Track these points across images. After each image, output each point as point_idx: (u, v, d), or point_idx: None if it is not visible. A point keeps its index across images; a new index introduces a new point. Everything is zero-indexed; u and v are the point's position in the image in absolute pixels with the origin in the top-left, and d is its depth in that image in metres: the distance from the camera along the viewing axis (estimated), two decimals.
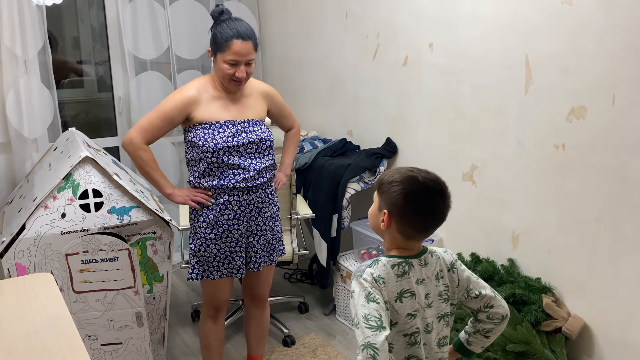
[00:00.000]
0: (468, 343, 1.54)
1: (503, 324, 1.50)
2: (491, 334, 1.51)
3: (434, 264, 1.43)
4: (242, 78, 2.03)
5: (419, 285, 1.40)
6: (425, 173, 1.39)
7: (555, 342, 2.12)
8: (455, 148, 2.63)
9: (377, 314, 1.29)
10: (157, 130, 2.09)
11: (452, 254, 1.49)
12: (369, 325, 1.27)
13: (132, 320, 2.37)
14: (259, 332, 2.43)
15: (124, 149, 2.12)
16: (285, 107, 2.32)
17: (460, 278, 1.47)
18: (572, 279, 2.21)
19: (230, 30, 1.99)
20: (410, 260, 1.40)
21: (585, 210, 2.12)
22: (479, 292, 1.47)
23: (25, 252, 2.20)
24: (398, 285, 1.37)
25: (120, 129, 3.55)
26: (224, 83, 2.07)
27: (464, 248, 2.59)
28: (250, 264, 2.22)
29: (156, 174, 2.14)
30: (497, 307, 1.48)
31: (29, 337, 1.33)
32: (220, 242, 2.13)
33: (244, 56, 2.01)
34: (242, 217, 2.13)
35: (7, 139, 3.06)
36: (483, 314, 1.49)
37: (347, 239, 3.10)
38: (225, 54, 2.00)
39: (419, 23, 2.71)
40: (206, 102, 2.08)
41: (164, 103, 2.08)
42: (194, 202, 2.11)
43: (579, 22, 2.04)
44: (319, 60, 3.45)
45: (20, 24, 2.95)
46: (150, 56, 3.49)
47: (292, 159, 2.41)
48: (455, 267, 1.47)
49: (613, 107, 1.98)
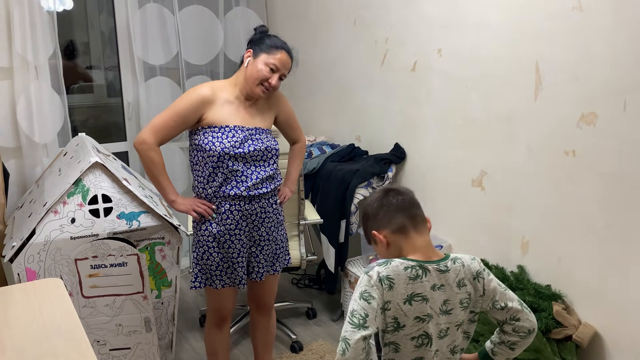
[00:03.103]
0: (493, 353, 1.54)
1: (530, 337, 1.49)
2: (516, 347, 1.50)
3: (456, 271, 1.43)
4: (273, 86, 2.07)
5: (435, 291, 1.39)
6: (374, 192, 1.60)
7: (565, 350, 2.10)
8: (464, 154, 2.62)
9: (363, 313, 1.32)
10: (170, 129, 2.08)
11: (479, 263, 1.48)
12: (351, 321, 1.31)
13: (140, 326, 2.37)
14: (265, 339, 2.42)
15: (135, 149, 2.12)
16: (294, 118, 2.31)
17: (486, 288, 1.45)
18: (582, 286, 2.19)
19: (281, 42, 2.12)
20: (426, 265, 1.40)
21: (596, 216, 2.10)
22: (504, 304, 1.46)
23: (35, 257, 2.21)
24: (409, 287, 1.37)
25: (129, 134, 3.57)
26: (252, 85, 2.07)
27: (473, 254, 2.56)
28: (253, 273, 2.21)
29: (163, 179, 2.13)
30: (524, 320, 1.47)
31: (38, 342, 1.33)
32: (222, 251, 2.12)
33: (284, 67, 2.09)
34: (243, 227, 2.13)
35: (18, 144, 3.09)
36: (509, 326, 1.48)
37: (355, 244, 3.09)
38: (270, 57, 2.06)
39: (427, 29, 2.71)
40: (219, 104, 2.08)
41: (178, 102, 2.08)
42: (196, 212, 2.11)
43: (589, 27, 2.03)
44: (328, 66, 3.46)
45: (32, 30, 2.98)
46: (159, 62, 3.51)
47: (297, 173, 2.41)
48: (482, 276, 1.46)
49: (624, 113, 1.96)
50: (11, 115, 3.05)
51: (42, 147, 3.13)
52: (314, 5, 3.50)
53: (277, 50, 2.08)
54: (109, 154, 2.72)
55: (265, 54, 2.07)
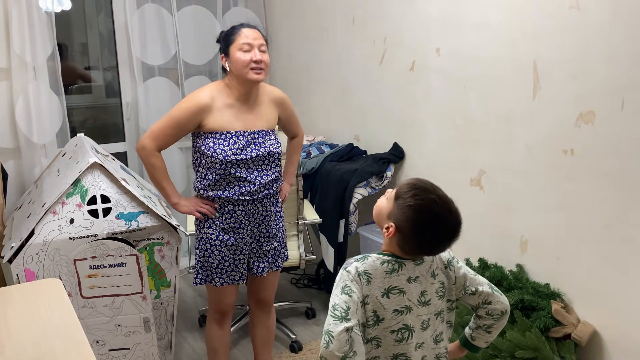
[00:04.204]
0: (472, 338, 1.58)
1: (503, 319, 1.52)
2: (493, 329, 1.54)
3: (429, 261, 1.45)
4: (260, 60, 2.02)
5: (410, 284, 1.42)
6: (444, 203, 1.37)
7: (564, 349, 2.10)
8: (462, 153, 2.62)
9: (345, 306, 1.33)
10: (168, 137, 2.09)
11: (449, 252, 1.50)
12: (333, 315, 1.33)
13: (139, 326, 2.37)
14: (265, 336, 2.43)
15: (137, 153, 2.14)
16: (294, 115, 2.32)
17: (456, 275, 1.49)
18: (581, 285, 2.19)
19: (238, 24, 2.08)
20: (401, 260, 1.43)
21: (595, 215, 2.10)
22: (475, 289, 1.49)
23: (34, 257, 2.21)
24: (386, 281, 1.40)
25: (128, 135, 3.57)
26: (244, 77, 2.03)
27: (472, 253, 2.58)
28: (254, 269, 2.23)
29: (165, 182, 2.15)
30: (495, 303, 1.50)
31: (37, 343, 1.33)
32: (224, 249, 2.13)
33: (255, 39, 2.04)
34: (247, 226, 2.14)
35: (17, 145, 3.09)
36: (482, 310, 1.51)
37: (354, 244, 3.09)
38: (236, 42, 2.03)
39: (426, 28, 2.71)
40: (218, 109, 2.06)
41: (176, 110, 2.07)
42: (199, 212, 2.12)
43: (586, 26, 2.03)
44: (326, 65, 3.46)
45: (30, 31, 2.98)
46: (157, 62, 3.51)
47: (296, 167, 2.43)
48: (452, 264, 1.49)
49: (622, 111, 1.96)
50: (10, 116, 3.04)
51: (41, 148, 3.13)
52: (312, 4, 3.49)
53: (237, 32, 2.05)
54: (107, 155, 2.72)
55: (232, 45, 2.05)
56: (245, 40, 2.02)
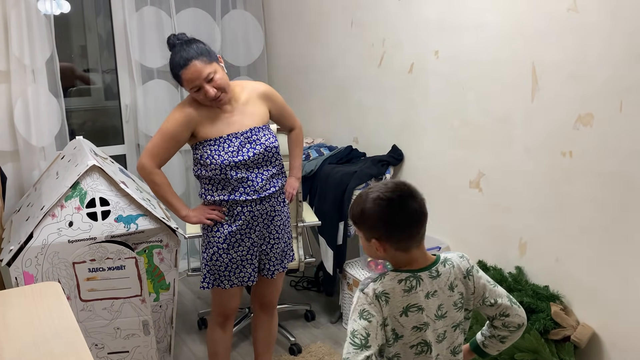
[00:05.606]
0: (484, 345, 1.55)
1: (519, 332, 1.50)
2: (507, 340, 1.51)
3: (447, 273, 1.41)
4: (213, 96, 2.00)
5: (429, 299, 1.38)
6: (383, 186, 1.37)
7: (564, 351, 2.10)
8: (461, 155, 2.63)
9: (365, 333, 1.29)
10: (164, 152, 2.08)
11: (469, 260, 1.47)
12: (352, 342, 1.29)
13: (138, 329, 2.37)
14: (267, 339, 2.42)
15: (138, 173, 2.13)
16: (286, 108, 2.27)
17: (476, 285, 1.45)
18: (580, 287, 2.19)
19: (176, 60, 1.99)
20: (419, 274, 1.39)
21: (594, 217, 2.11)
22: (494, 301, 1.46)
23: (33, 260, 2.20)
24: (404, 300, 1.36)
25: (127, 137, 3.57)
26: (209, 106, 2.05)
27: (470, 255, 2.55)
28: (264, 271, 2.22)
29: (170, 197, 2.13)
30: (513, 316, 1.47)
31: (36, 346, 1.33)
32: (232, 251, 2.13)
33: (198, 79, 1.96)
34: (255, 227, 2.13)
35: (15, 148, 3.08)
36: (498, 322, 1.49)
37: (354, 246, 3.09)
38: (186, 83, 2.00)
39: (424, 30, 2.72)
40: (207, 117, 2.06)
41: (165, 124, 2.07)
42: (208, 219, 2.11)
43: (585, 28, 2.03)
44: (325, 68, 3.46)
45: (29, 34, 2.98)
46: (156, 64, 3.51)
47: (301, 160, 2.37)
48: (471, 274, 1.45)
49: (620, 113, 1.97)
50: (8, 119, 3.04)
51: (40, 151, 3.13)
52: (311, 7, 3.50)
53: (180, 76, 1.99)
54: (106, 157, 2.72)
55: (184, 84, 2.01)
56: (191, 85, 1.99)
